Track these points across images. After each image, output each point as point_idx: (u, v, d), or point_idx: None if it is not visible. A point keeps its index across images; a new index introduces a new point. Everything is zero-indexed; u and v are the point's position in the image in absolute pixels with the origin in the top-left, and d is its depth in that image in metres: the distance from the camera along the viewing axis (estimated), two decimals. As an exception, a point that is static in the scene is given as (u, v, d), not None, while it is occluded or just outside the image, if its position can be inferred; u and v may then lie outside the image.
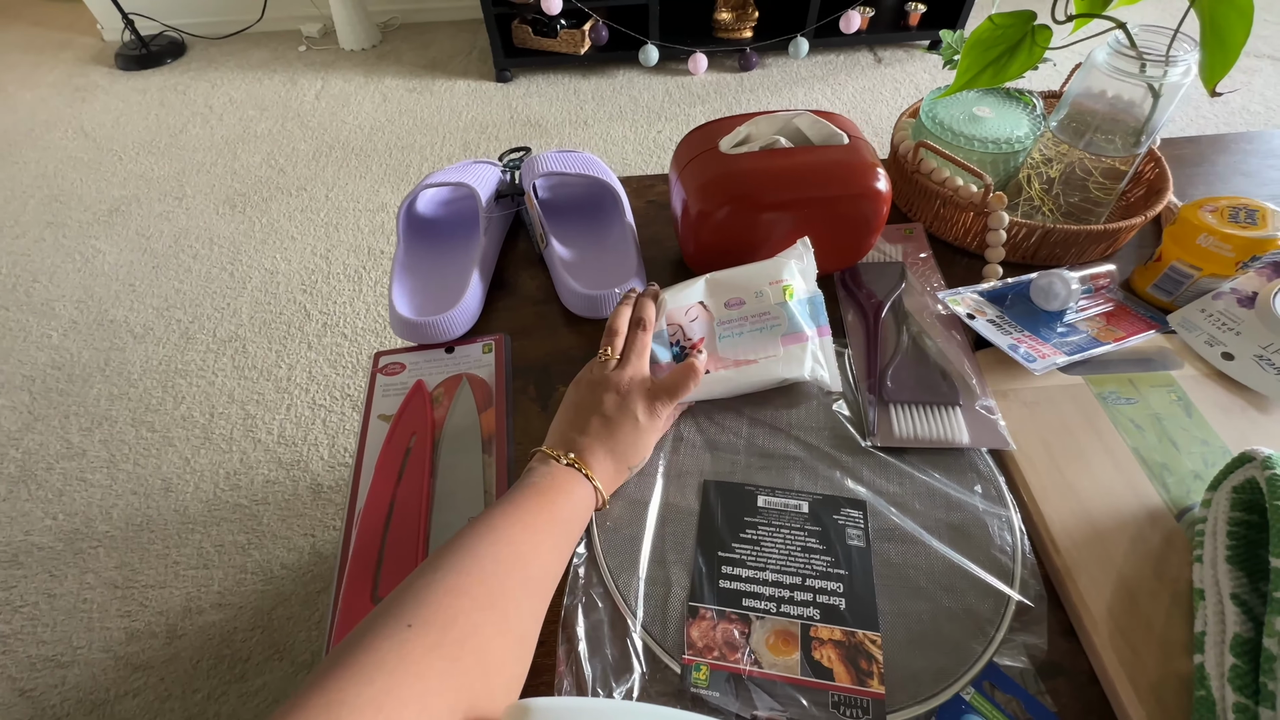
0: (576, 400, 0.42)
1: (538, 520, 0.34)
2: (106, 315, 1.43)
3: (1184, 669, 0.34)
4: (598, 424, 0.39)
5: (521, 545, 0.32)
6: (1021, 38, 0.49)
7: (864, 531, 0.39)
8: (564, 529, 0.35)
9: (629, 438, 0.39)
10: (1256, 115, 1.81)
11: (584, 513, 0.37)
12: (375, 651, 0.24)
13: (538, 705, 0.19)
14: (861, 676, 0.33)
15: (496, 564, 0.30)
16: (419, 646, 0.25)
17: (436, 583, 0.28)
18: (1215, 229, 0.48)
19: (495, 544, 0.31)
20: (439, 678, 0.24)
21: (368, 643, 0.24)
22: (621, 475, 0.40)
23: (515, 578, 0.31)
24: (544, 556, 0.33)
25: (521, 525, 0.33)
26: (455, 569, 0.29)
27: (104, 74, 2.25)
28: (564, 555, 0.35)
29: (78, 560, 1.03)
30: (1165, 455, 0.42)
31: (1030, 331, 0.49)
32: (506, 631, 0.29)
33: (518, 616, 0.30)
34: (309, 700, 0.21)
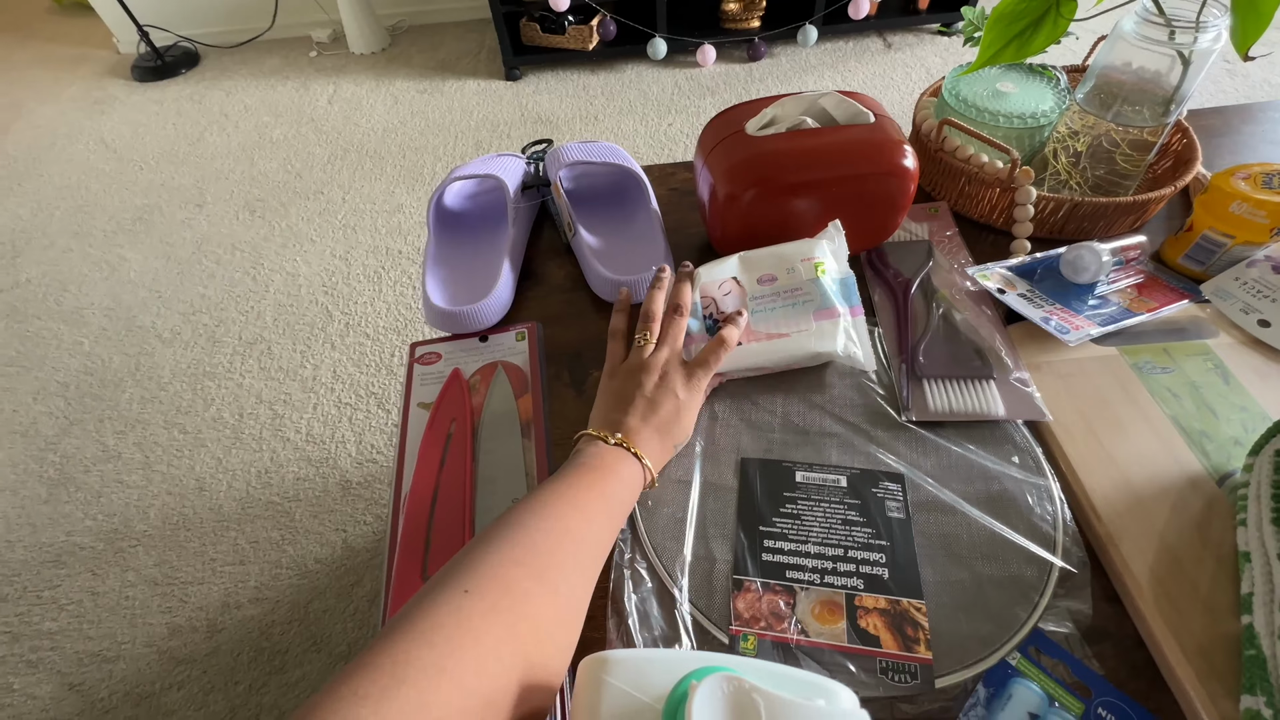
0: (617, 387, 0.42)
1: (587, 497, 0.34)
2: (135, 321, 1.46)
3: (1231, 630, 0.34)
4: (641, 405, 0.40)
5: (570, 520, 0.33)
6: (1046, 10, 0.49)
7: (904, 504, 0.39)
8: (613, 506, 0.35)
9: (672, 415, 0.40)
10: (1278, 88, 1.78)
11: (633, 491, 0.38)
12: (434, 617, 0.25)
13: (615, 655, 0.20)
14: (908, 643, 0.34)
15: (546, 537, 0.31)
16: (475, 611, 0.25)
17: (491, 553, 0.29)
18: (1249, 195, 0.47)
19: (545, 519, 0.32)
20: (495, 641, 0.25)
21: (426, 608, 0.25)
22: (668, 453, 0.41)
23: (565, 551, 0.31)
24: (593, 532, 0.33)
25: (570, 503, 0.33)
26: (508, 540, 0.30)
27: (121, 86, 2.29)
28: (612, 531, 0.35)
29: (118, 559, 1.06)
30: (1204, 422, 0.42)
31: (1062, 304, 0.49)
32: (558, 600, 0.30)
33: (567, 587, 0.31)
34: (376, 660, 0.22)
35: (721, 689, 0.16)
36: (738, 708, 0.15)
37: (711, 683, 0.16)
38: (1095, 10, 0.49)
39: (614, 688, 0.20)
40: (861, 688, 0.32)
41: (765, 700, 0.15)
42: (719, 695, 0.15)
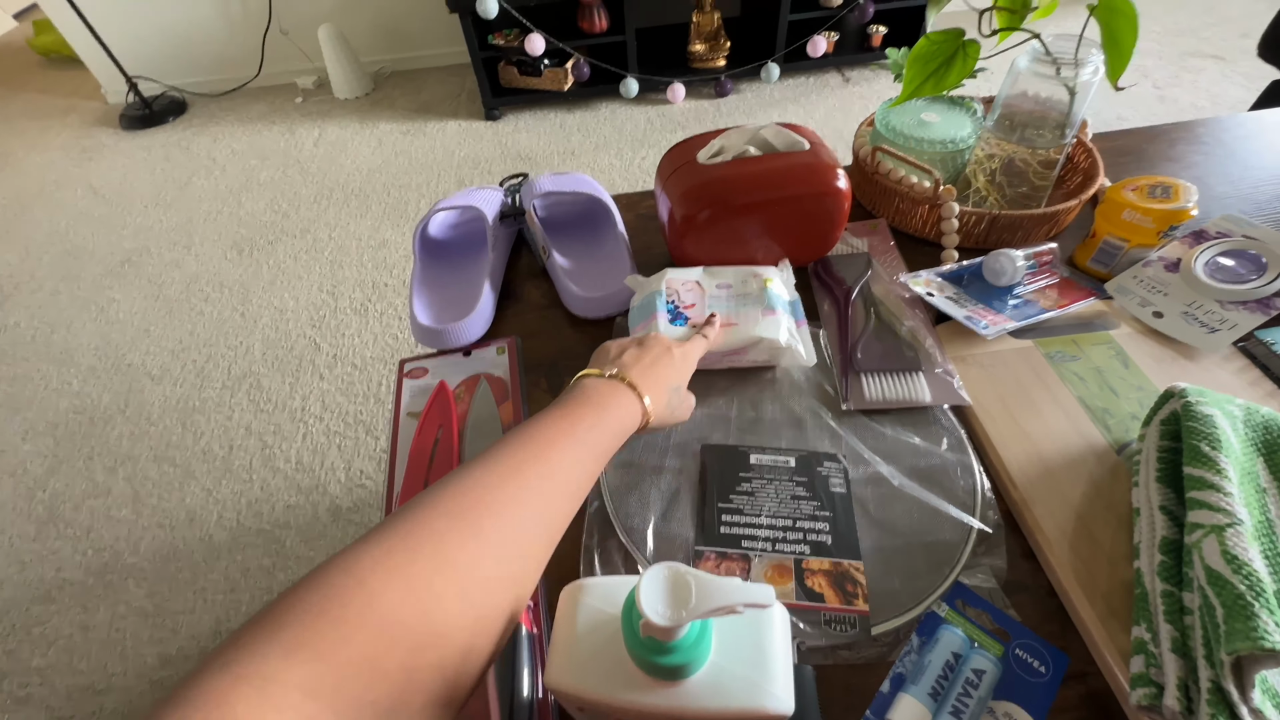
0: (605, 346, 0.43)
1: (553, 433, 0.33)
2: (124, 360, 1.48)
3: (1127, 576, 0.39)
4: (633, 349, 0.41)
5: (512, 462, 0.30)
6: (954, 51, 0.56)
7: (845, 480, 0.44)
8: (590, 441, 0.34)
9: (664, 358, 0.41)
10: (1203, 109, 1.92)
11: (623, 423, 0.37)
12: (325, 579, 0.23)
13: (588, 581, 0.24)
14: (848, 598, 0.38)
15: (496, 483, 0.29)
16: (381, 569, 0.23)
17: (422, 505, 0.27)
18: (1137, 205, 0.54)
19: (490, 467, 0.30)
20: (401, 599, 0.23)
21: (322, 572, 0.23)
22: (663, 395, 0.40)
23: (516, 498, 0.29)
24: (550, 469, 0.31)
25: (530, 441, 0.32)
26: (442, 485, 0.28)
27: (109, 134, 2.34)
28: (585, 468, 0.34)
29: (109, 593, 1.07)
30: (1106, 401, 0.48)
31: (985, 305, 0.55)
32: (498, 554, 0.27)
33: (498, 530, 0.27)
34: (257, 634, 0.20)
35: (663, 573, 0.20)
36: (674, 586, 0.20)
37: (655, 569, 0.20)
38: (996, 50, 0.56)
39: (587, 605, 0.25)
40: (807, 638, 0.37)
41: (695, 580, 0.20)
42: (661, 577, 0.20)
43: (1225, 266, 0.54)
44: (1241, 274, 0.53)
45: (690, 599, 0.19)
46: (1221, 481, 0.34)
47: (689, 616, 0.18)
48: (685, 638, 0.20)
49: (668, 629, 0.19)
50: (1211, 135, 0.76)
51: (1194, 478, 0.35)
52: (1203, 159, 0.72)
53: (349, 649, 0.20)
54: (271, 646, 0.19)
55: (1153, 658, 0.33)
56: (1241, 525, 0.32)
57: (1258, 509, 0.35)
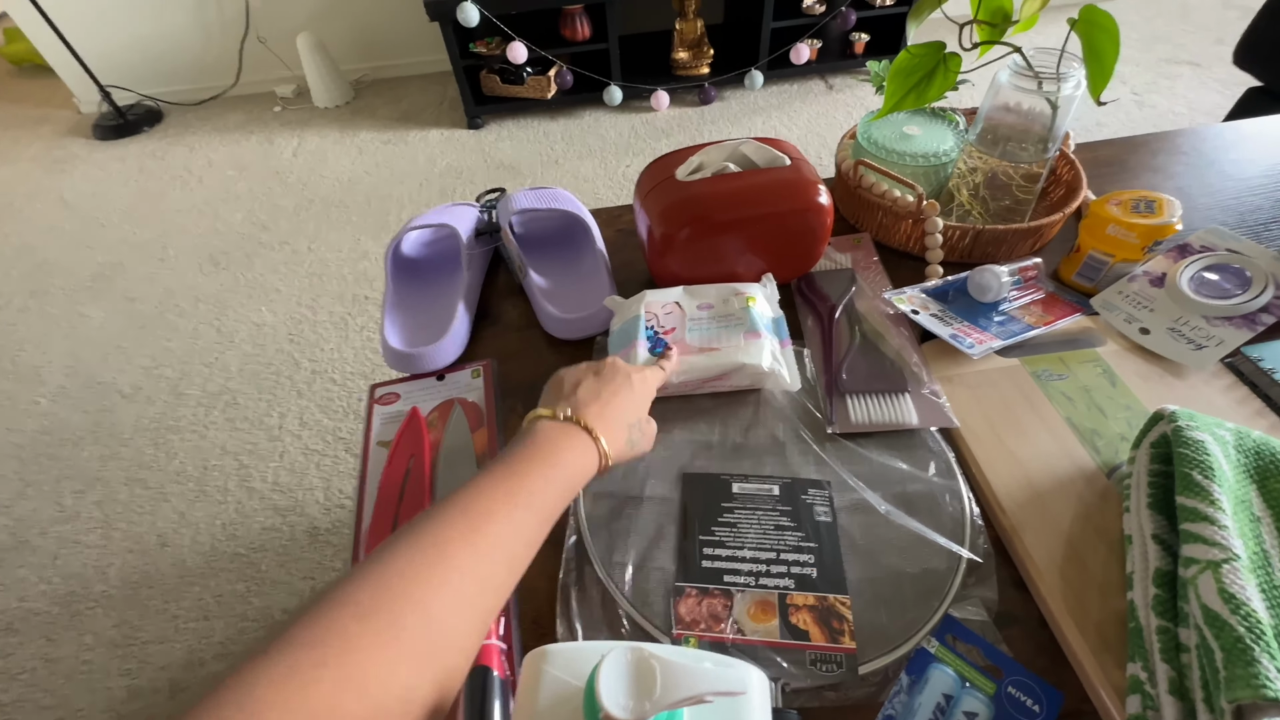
0: (560, 377, 0.41)
1: (499, 495, 0.31)
2: (95, 378, 1.44)
3: (1120, 607, 0.38)
4: (589, 381, 0.39)
5: (452, 533, 0.28)
6: (936, 65, 0.56)
7: (830, 508, 0.43)
8: (541, 496, 0.32)
9: (623, 391, 0.39)
10: (1180, 116, 1.94)
11: (580, 470, 0.35)
12: (217, 692, 0.20)
13: (553, 648, 0.23)
14: (834, 635, 0.37)
15: (413, 558, 0.26)
16: (265, 676, 0.21)
17: (330, 594, 0.24)
18: (1121, 219, 0.53)
19: (419, 542, 0.27)
20: (283, 711, 0.20)
21: (219, 685, 0.21)
22: (621, 434, 0.38)
23: (436, 572, 0.26)
24: (489, 539, 0.29)
25: (467, 511, 0.29)
26: (356, 582, 0.25)
27: (82, 145, 2.29)
28: (535, 526, 0.32)
29: (75, 622, 1.03)
30: (1094, 422, 0.47)
31: (970, 322, 0.54)
32: (413, 648, 0.24)
33: (421, 623, 0.25)
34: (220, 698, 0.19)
35: (625, 658, 0.18)
36: (638, 672, 0.18)
37: (616, 654, 0.19)
38: (977, 63, 0.56)
39: (550, 675, 0.23)
40: (792, 679, 0.35)
41: (660, 664, 0.18)
42: (622, 663, 0.18)
43: (1210, 281, 0.53)
44: (1226, 289, 0.52)
45: (655, 688, 0.17)
46: (1215, 513, 0.33)
47: (653, 709, 0.17)
48: (653, 726, 0.18)
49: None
50: (1192, 145, 0.76)
51: (1187, 508, 0.34)
52: (1184, 169, 0.72)
53: None
54: None
55: (1150, 699, 0.32)
56: (1238, 560, 0.31)
57: (1252, 539, 0.34)
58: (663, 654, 0.19)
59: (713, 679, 0.17)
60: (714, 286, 0.53)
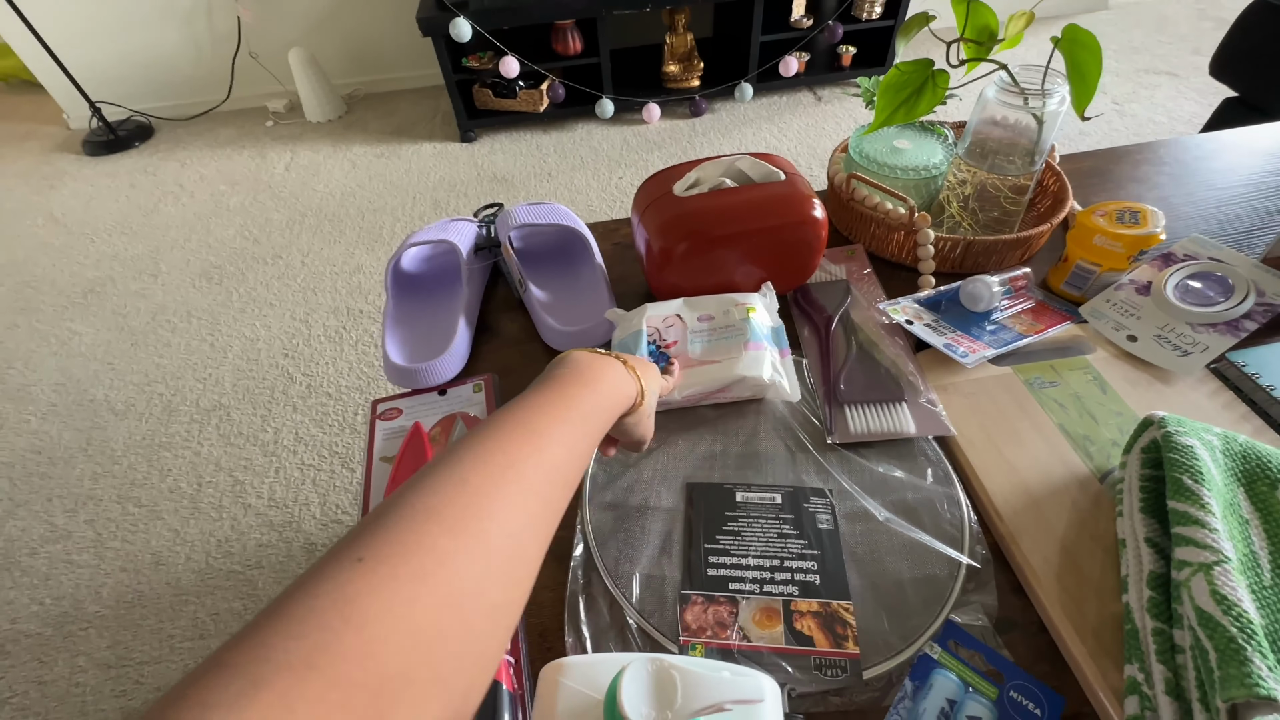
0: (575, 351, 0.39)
1: (549, 417, 0.30)
2: (86, 395, 1.43)
3: (1116, 610, 0.38)
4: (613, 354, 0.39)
5: (518, 449, 0.28)
6: (924, 81, 0.57)
7: (832, 516, 0.43)
8: (586, 422, 0.32)
9: (650, 367, 0.40)
10: (1161, 125, 1.98)
11: (616, 401, 0.34)
12: (311, 597, 0.19)
13: (569, 660, 0.23)
14: (838, 641, 0.37)
15: (482, 473, 0.25)
16: (365, 586, 0.20)
17: (403, 505, 0.23)
18: (1107, 230, 0.55)
19: (486, 451, 0.27)
20: (390, 620, 0.20)
21: (306, 586, 0.20)
22: (653, 385, 0.39)
23: (504, 489, 0.26)
24: (549, 458, 0.28)
25: (524, 426, 0.29)
26: (428, 486, 0.24)
27: (72, 161, 2.28)
28: (584, 451, 0.31)
29: (68, 644, 1.02)
30: (1086, 428, 0.48)
31: (963, 331, 0.55)
32: (487, 551, 0.24)
33: (502, 533, 0.24)
34: (232, 659, 0.17)
35: (646, 669, 0.19)
36: (659, 682, 0.19)
37: (637, 664, 0.19)
38: (965, 80, 0.57)
39: (568, 688, 0.23)
40: (797, 684, 0.36)
41: (681, 674, 0.19)
42: (644, 674, 0.19)
43: (1194, 289, 0.55)
44: (1210, 296, 0.54)
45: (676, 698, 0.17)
46: (1206, 517, 0.34)
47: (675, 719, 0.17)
48: (673, 733, 0.19)
49: (654, 729, 0.17)
50: (1173, 156, 0.78)
51: (1178, 512, 0.35)
52: (1166, 179, 0.74)
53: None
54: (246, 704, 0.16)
55: (1147, 700, 0.33)
56: (1229, 562, 0.32)
57: (1241, 541, 0.35)
58: (682, 664, 0.19)
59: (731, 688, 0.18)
60: (714, 297, 0.54)
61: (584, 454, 0.31)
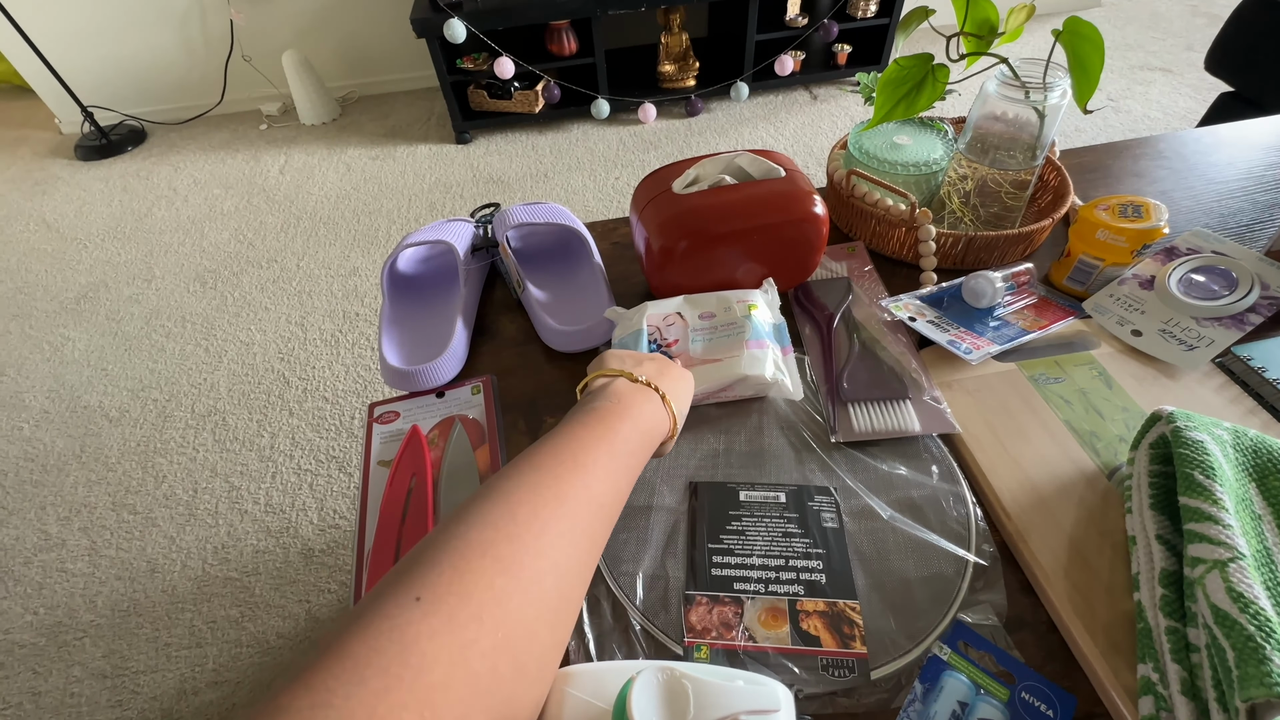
0: (618, 352, 0.40)
1: (594, 450, 0.30)
2: (79, 402, 1.41)
3: (1127, 607, 0.38)
4: (657, 361, 0.39)
5: (566, 483, 0.27)
6: (924, 76, 0.57)
7: (837, 514, 0.43)
8: (628, 456, 0.31)
9: (684, 380, 0.40)
10: (1156, 121, 1.99)
11: (654, 435, 0.34)
12: (371, 637, 0.19)
13: (575, 669, 0.22)
14: (845, 640, 0.37)
15: (532, 509, 0.25)
16: (425, 630, 0.20)
17: (456, 539, 0.23)
18: (1110, 224, 0.54)
19: (533, 485, 0.26)
20: (449, 666, 0.19)
21: (366, 623, 0.20)
22: (684, 409, 0.39)
23: (555, 526, 0.25)
24: (597, 494, 0.28)
25: (570, 460, 0.28)
26: (480, 519, 0.24)
27: (64, 166, 2.27)
28: (625, 486, 0.31)
29: (62, 654, 1.00)
30: (1093, 424, 0.47)
31: (966, 328, 0.55)
32: (542, 590, 0.23)
33: (555, 572, 0.24)
34: (292, 703, 0.17)
35: (656, 678, 0.18)
36: (670, 692, 0.18)
37: (648, 674, 0.18)
38: (965, 74, 0.57)
39: (574, 698, 0.22)
40: (804, 684, 0.35)
41: (693, 683, 0.18)
42: (654, 683, 0.18)
43: (1198, 283, 0.54)
44: (1214, 290, 0.53)
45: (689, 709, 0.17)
46: (1219, 513, 0.33)
47: (689, 730, 0.17)
48: (685, 745, 0.18)
49: (666, 743, 0.17)
50: (1173, 150, 0.78)
51: (1190, 508, 0.35)
52: (1167, 174, 0.74)
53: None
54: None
55: (1162, 700, 0.32)
56: (1244, 559, 0.31)
57: (1255, 537, 0.34)
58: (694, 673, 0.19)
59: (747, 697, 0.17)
60: (714, 295, 0.54)
61: (625, 489, 0.31)
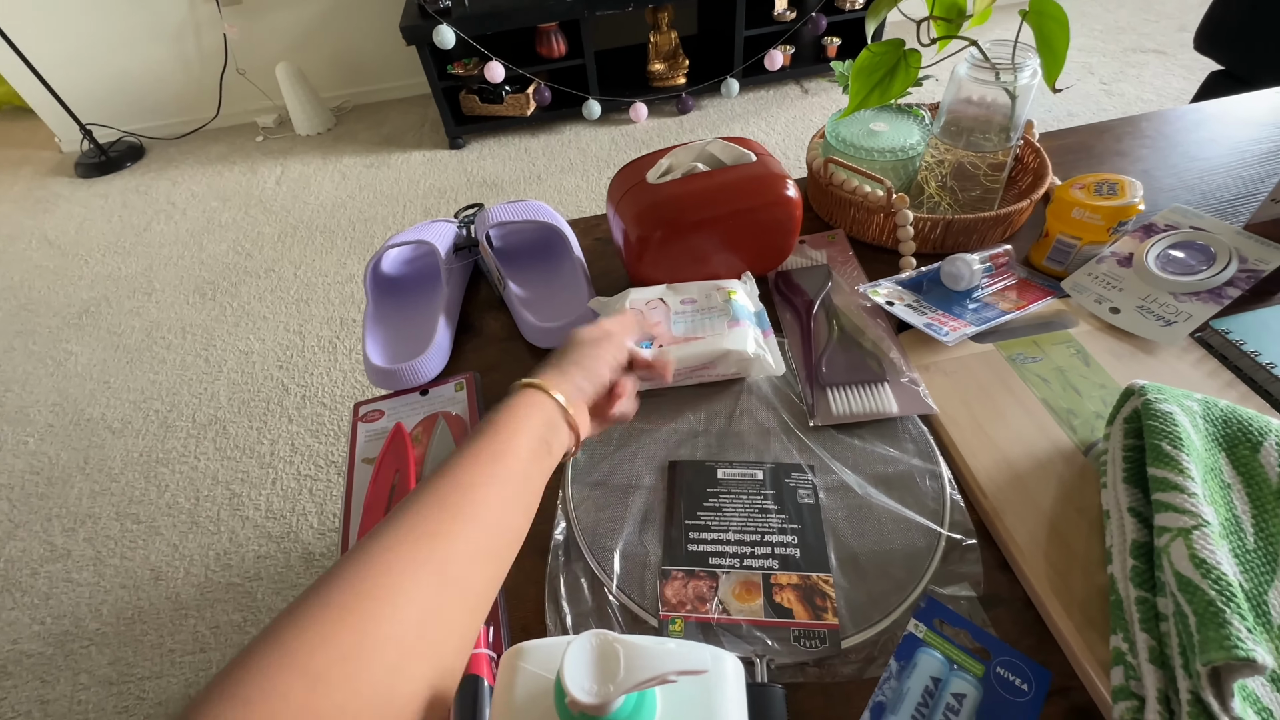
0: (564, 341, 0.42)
1: (482, 471, 0.31)
2: (83, 415, 1.43)
3: (1102, 582, 0.38)
4: (572, 351, 0.40)
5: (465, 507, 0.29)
6: (896, 61, 0.57)
7: (813, 491, 0.43)
8: (525, 475, 0.33)
9: (581, 353, 0.40)
10: (1149, 102, 1.98)
11: (552, 452, 0.35)
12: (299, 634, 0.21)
13: (527, 645, 0.23)
14: (818, 612, 0.37)
15: (404, 569, 0.25)
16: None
17: (318, 605, 0.23)
18: (1085, 203, 0.54)
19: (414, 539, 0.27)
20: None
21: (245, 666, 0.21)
22: (584, 392, 0.39)
23: (425, 587, 0.25)
24: (493, 514, 0.30)
25: (471, 479, 0.30)
26: (361, 561, 0.25)
27: (65, 184, 2.29)
28: (513, 497, 0.32)
29: (69, 662, 1.02)
30: (1070, 401, 0.48)
31: (945, 311, 0.55)
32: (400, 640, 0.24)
33: (418, 604, 0.24)
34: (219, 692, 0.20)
35: (590, 643, 0.19)
36: (602, 655, 0.18)
37: (581, 639, 0.19)
38: (937, 58, 0.57)
39: (526, 671, 0.23)
40: (775, 655, 0.35)
41: (624, 647, 0.18)
42: (588, 648, 0.19)
43: (1176, 258, 0.54)
44: (1192, 265, 0.53)
45: (619, 671, 0.17)
46: (1185, 481, 0.33)
47: (617, 691, 0.17)
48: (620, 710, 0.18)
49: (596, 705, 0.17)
50: (1155, 129, 0.77)
51: (1158, 478, 0.35)
52: (1148, 152, 0.74)
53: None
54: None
55: (1132, 669, 0.32)
56: (1208, 526, 0.31)
57: (1223, 506, 0.34)
58: (628, 639, 0.19)
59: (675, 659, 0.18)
60: (695, 284, 0.54)
61: (520, 508, 0.32)
